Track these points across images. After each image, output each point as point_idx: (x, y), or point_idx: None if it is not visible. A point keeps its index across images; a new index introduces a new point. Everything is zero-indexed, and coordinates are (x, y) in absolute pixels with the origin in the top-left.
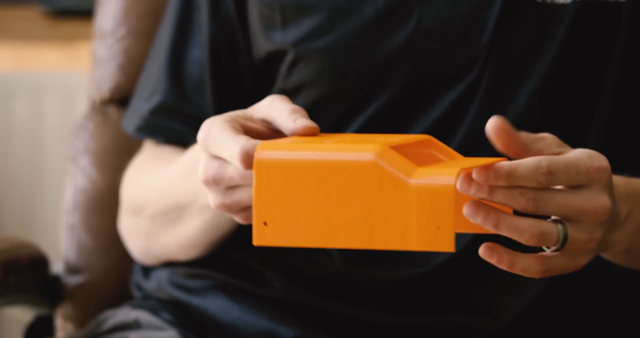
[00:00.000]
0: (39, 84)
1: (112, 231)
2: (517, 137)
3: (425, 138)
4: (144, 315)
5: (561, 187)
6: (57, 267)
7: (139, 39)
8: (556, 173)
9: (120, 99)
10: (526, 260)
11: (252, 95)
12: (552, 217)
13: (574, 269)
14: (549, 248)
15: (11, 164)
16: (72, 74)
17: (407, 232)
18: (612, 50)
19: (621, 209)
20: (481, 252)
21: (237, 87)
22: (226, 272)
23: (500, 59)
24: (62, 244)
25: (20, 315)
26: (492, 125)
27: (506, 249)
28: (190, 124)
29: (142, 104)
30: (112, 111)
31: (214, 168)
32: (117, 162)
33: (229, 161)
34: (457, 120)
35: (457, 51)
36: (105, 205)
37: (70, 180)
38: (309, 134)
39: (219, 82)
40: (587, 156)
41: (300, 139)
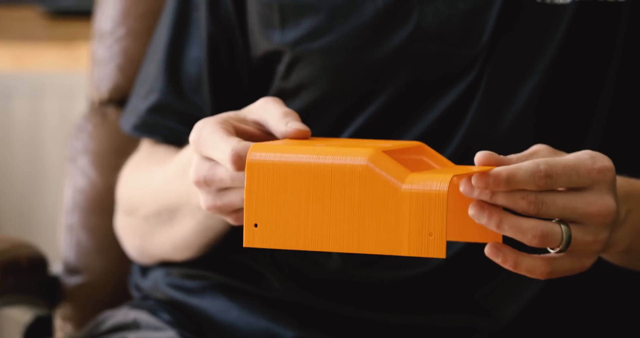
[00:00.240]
0: (38, 85)
1: (111, 232)
2: (508, 162)
3: (416, 144)
4: (143, 316)
5: (563, 188)
6: (56, 268)
7: (137, 39)
8: (555, 175)
9: (119, 99)
10: (531, 260)
11: (250, 94)
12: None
13: (580, 270)
14: (553, 249)
15: (10, 164)
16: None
17: (399, 237)
18: (611, 50)
19: (620, 208)
20: (487, 251)
21: (235, 86)
22: (225, 272)
23: (499, 59)
24: (61, 244)
25: (19, 316)
26: (479, 159)
27: (511, 249)
28: (187, 123)
29: (140, 103)
30: (111, 112)
31: (205, 169)
32: (116, 162)
33: (220, 163)
34: (456, 120)
35: (456, 51)
36: (104, 205)
37: (69, 181)
38: (301, 138)
39: (216, 81)
40: (589, 157)
41: (293, 142)
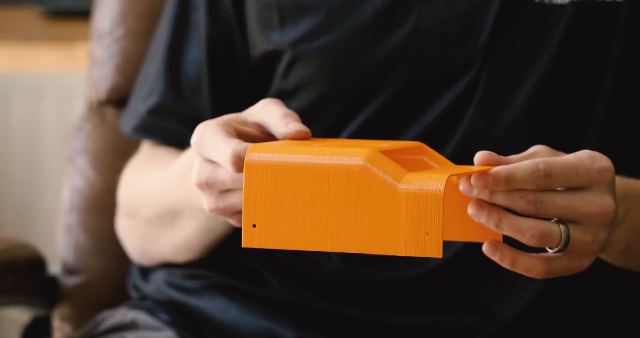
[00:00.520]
0: (37, 85)
1: (109, 232)
2: (507, 162)
3: (416, 144)
4: (141, 316)
5: (562, 188)
6: (54, 268)
7: (136, 39)
8: (554, 175)
9: (117, 99)
10: (529, 259)
11: (250, 95)
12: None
13: (578, 270)
14: (551, 249)
15: (9, 164)
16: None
17: (396, 237)
18: (609, 50)
19: (619, 208)
20: (485, 249)
21: (235, 87)
22: (224, 272)
23: (498, 59)
24: (59, 245)
25: (17, 316)
26: (479, 159)
27: (509, 247)
28: (187, 125)
29: (140, 105)
30: (110, 112)
31: (206, 171)
32: (114, 163)
33: (221, 165)
34: (455, 120)
35: (455, 51)
36: (102, 206)
37: (67, 181)
38: (301, 138)
39: (216, 82)
40: (588, 157)
41: (291, 142)
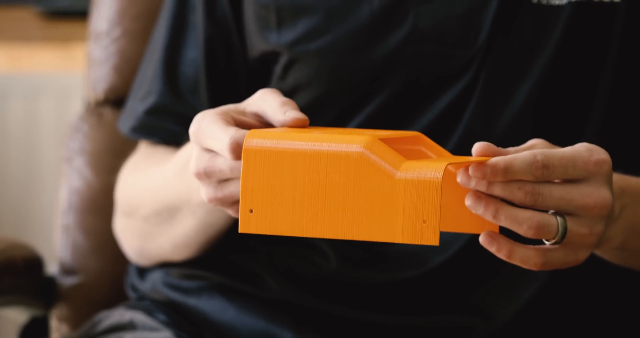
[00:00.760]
0: (34, 85)
1: (106, 232)
2: (505, 153)
3: (414, 134)
4: (139, 316)
5: (559, 180)
6: (52, 268)
7: (133, 40)
8: (552, 166)
9: (115, 100)
10: (525, 250)
11: (247, 96)
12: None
13: (574, 264)
14: (548, 240)
15: (6, 165)
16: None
17: (393, 224)
18: (607, 51)
19: (615, 204)
20: (481, 240)
21: (232, 87)
22: (222, 273)
23: (496, 60)
24: (56, 245)
25: (15, 316)
26: (477, 150)
27: (506, 238)
28: (185, 125)
29: (137, 105)
30: (107, 112)
31: (204, 160)
32: (111, 163)
33: (219, 153)
34: (453, 121)
35: (453, 52)
36: (100, 206)
37: (65, 181)
38: (299, 126)
39: (214, 82)
40: (586, 150)
41: (289, 129)
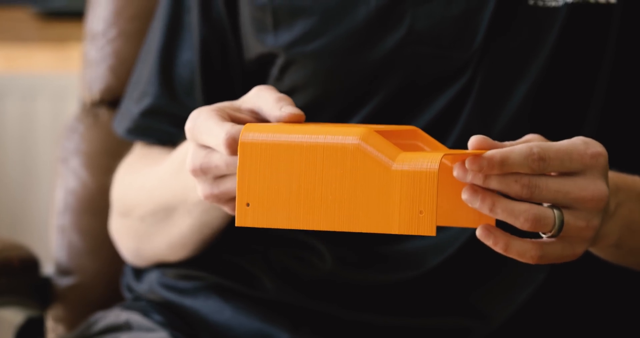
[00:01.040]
0: (30, 86)
1: (102, 233)
2: (501, 146)
3: (410, 128)
4: (135, 317)
5: (556, 173)
6: (47, 269)
7: (129, 40)
8: (548, 159)
9: (110, 100)
10: (522, 244)
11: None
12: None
13: (571, 258)
14: (545, 234)
15: (2, 165)
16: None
17: (389, 215)
18: (603, 52)
19: (610, 201)
20: (478, 233)
21: (228, 89)
22: (218, 273)
23: (492, 62)
24: (52, 245)
25: (11, 317)
26: (473, 143)
27: (502, 231)
28: (180, 126)
29: (132, 106)
30: (103, 113)
31: (200, 156)
32: (107, 163)
33: (215, 149)
34: (449, 122)
35: (449, 54)
36: (95, 207)
37: (60, 182)
38: (295, 122)
39: (209, 84)
40: (582, 143)
41: (285, 124)
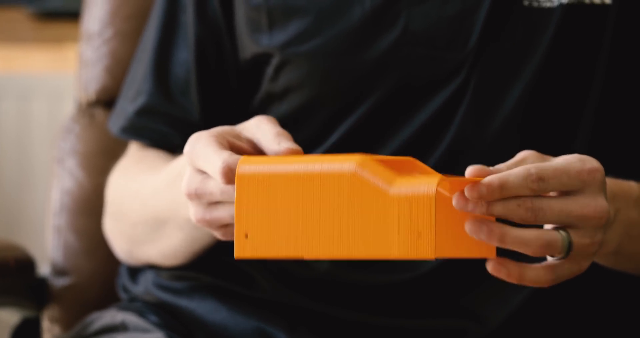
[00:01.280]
0: (26, 86)
1: (98, 233)
2: (498, 171)
3: (407, 159)
4: (131, 317)
5: (555, 194)
6: (43, 269)
7: (125, 40)
8: (547, 178)
9: (106, 100)
10: (535, 271)
11: (238, 97)
12: (548, 225)
13: (578, 273)
14: (553, 256)
15: None
16: (59, 76)
17: (388, 241)
18: (598, 53)
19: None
20: (489, 268)
21: (223, 89)
22: (214, 273)
23: (487, 63)
24: (48, 246)
25: (7, 317)
26: (470, 173)
27: (514, 262)
28: (175, 126)
29: (127, 105)
30: (99, 113)
31: (196, 181)
32: (103, 164)
33: (211, 176)
34: (444, 124)
35: (444, 55)
36: (91, 207)
37: (56, 182)
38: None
39: (204, 83)
40: (577, 160)
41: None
